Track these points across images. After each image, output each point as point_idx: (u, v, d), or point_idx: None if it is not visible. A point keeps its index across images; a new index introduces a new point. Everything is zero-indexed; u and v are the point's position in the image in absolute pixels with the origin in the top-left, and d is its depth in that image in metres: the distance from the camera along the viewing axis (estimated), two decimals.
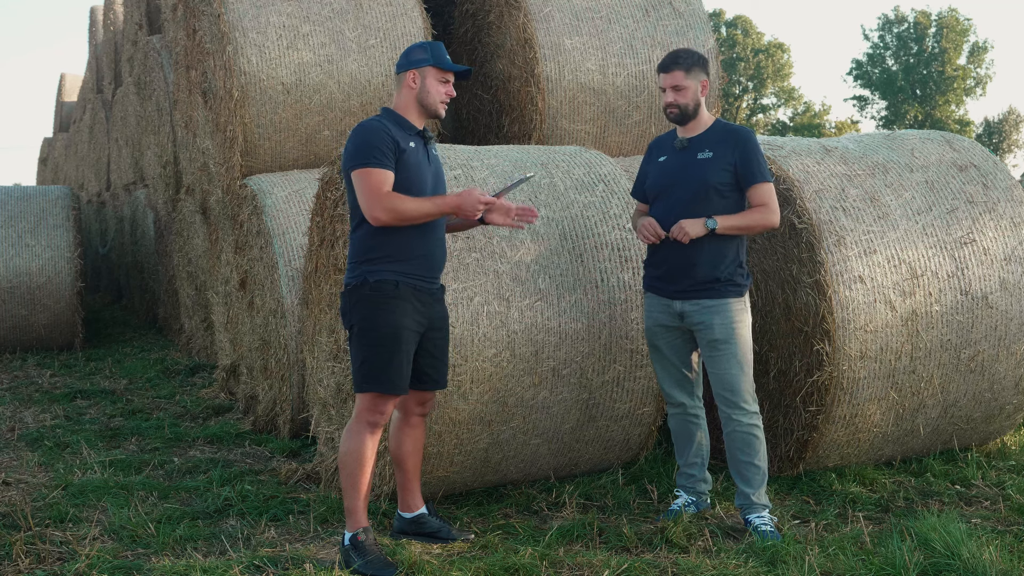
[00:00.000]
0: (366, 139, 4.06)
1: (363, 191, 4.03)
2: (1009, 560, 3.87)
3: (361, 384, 4.11)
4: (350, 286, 4.15)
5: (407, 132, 4.17)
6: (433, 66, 4.21)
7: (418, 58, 4.21)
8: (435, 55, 4.22)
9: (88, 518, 4.82)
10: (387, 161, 4.03)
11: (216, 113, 7.55)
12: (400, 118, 4.21)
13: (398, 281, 4.08)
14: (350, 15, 7.36)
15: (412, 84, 4.21)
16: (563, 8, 7.55)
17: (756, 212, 4.44)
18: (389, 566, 4.00)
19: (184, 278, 10.07)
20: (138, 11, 12.74)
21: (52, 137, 26.18)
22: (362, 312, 4.10)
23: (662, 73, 4.55)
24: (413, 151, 4.14)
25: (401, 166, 4.08)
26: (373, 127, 4.09)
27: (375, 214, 4.00)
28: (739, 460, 4.48)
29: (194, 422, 7.18)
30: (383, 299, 4.07)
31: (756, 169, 4.44)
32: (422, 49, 4.24)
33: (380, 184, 4.00)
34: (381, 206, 3.98)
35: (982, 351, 5.18)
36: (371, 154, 4.02)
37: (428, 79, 4.21)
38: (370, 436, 4.12)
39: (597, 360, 4.89)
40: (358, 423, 4.13)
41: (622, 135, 7.70)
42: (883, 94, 55.07)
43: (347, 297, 4.17)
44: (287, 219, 6.66)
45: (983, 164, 5.55)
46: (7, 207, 10.94)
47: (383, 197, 3.99)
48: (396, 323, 4.07)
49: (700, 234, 4.39)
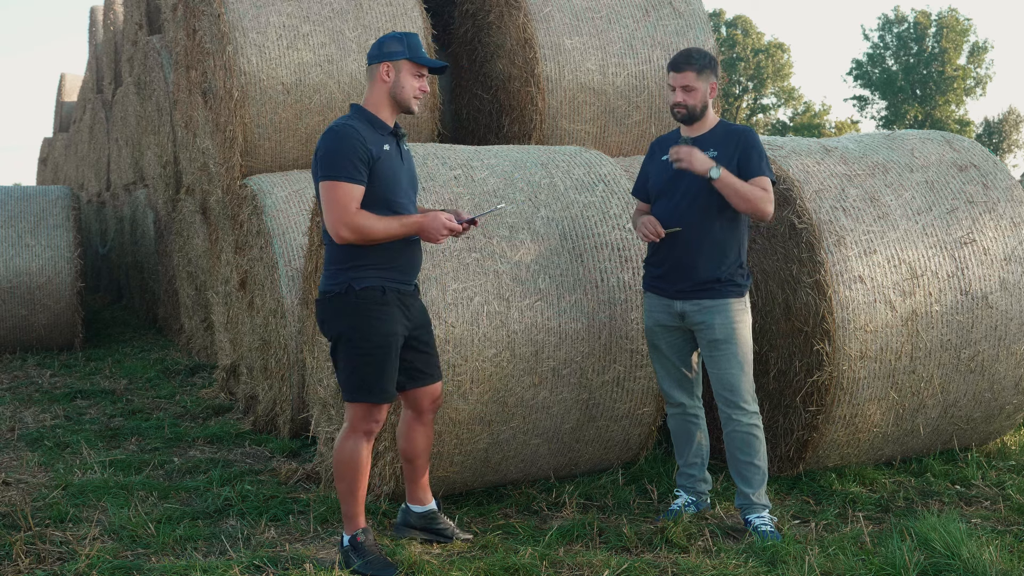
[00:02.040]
0: (338, 148, 3.86)
1: (329, 207, 3.85)
2: (1009, 560, 3.87)
3: (354, 394, 4.01)
4: (331, 294, 3.99)
5: (380, 133, 4.00)
6: (408, 59, 4.02)
7: (392, 50, 4.00)
8: (410, 48, 4.02)
9: (88, 518, 4.82)
10: (358, 175, 3.85)
11: (216, 113, 7.55)
12: (372, 116, 4.02)
13: (384, 287, 3.96)
14: (350, 15, 7.36)
15: (386, 77, 4.01)
16: (563, 8, 7.55)
17: (757, 190, 4.35)
18: (389, 566, 3.99)
19: (184, 278, 10.07)
20: (138, 11, 12.74)
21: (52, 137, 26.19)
22: (350, 321, 3.96)
23: (673, 72, 4.50)
24: (387, 155, 3.97)
25: (375, 176, 3.91)
26: (345, 134, 3.89)
27: (340, 233, 3.84)
28: (739, 460, 4.48)
29: (194, 422, 7.18)
30: (372, 307, 3.95)
31: (757, 162, 4.41)
32: (397, 41, 4.02)
33: (348, 201, 3.83)
34: (346, 225, 3.83)
35: (982, 351, 5.18)
36: (341, 167, 3.83)
37: (403, 73, 4.02)
38: (366, 444, 4.07)
39: (597, 360, 4.89)
40: (353, 432, 4.05)
41: (622, 135, 7.70)
42: (883, 94, 55.08)
43: (327, 305, 4.01)
44: (287, 219, 6.66)
45: (983, 164, 5.55)
46: (7, 207, 10.94)
47: (350, 215, 3.82)
48: (387, 331, 3.97)
49: (703, 169, 4.30)
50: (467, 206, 4.85)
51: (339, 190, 3.85)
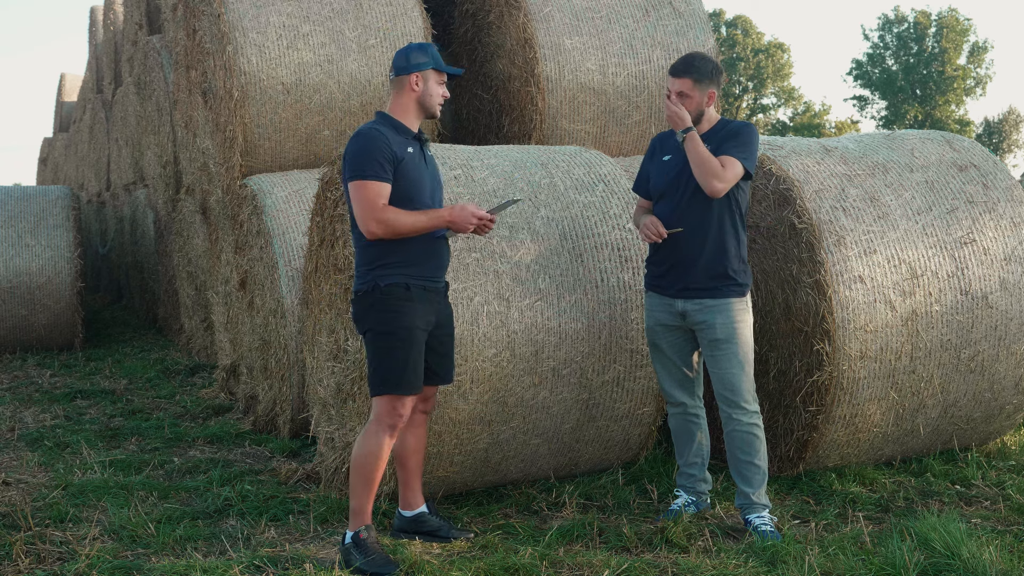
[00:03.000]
0: (364, 149, 4.08)
1: (359, 204, 4.07)
2: (1009, 560, 3.87)
3: (379, 387, 4.14)
4: (361, 292, 4.19)
5: (404, 137, 4.20)
6: (433, 69, 4.26)
7: (420, 61, 4.25)
8: (434, 58, 4.28)
9: (88, 518, 4.82)
10: (384, 173, 4.06)
11: (216, 113, 7.55)
12: (397, 123, 4.23)
13: (408, 284, 4.12)
14: (350, 15, 7.36)
15: (415, 87, 4.24)
16: (563, 8, 7.55)
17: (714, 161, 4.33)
18: (390, 564, 4.01)
19: (184, 278, 10.07)
20: (138, 11, 12.74)
21: (52, 137, 26.19)
22: (376, 316, 4.13)
23: (672, 77, 4.50)
24: (411, 157, 4.17)
25: (399, 176, 4.11)
26: (371, 136, 4.11)
27: (370, 228, 4.05)
28: (739, 460, 4.48)
29: (194, 422, 7.18)
30: (395, 302, 4.11)
31: (730, 144, 4.39)
32: (422, 52, 4.27)
33: (376, 197, 4.04)
34: (376, 220, 4.03)
35: (982, 351, 5.18)
36: (368, 166, 4.05)
37: (430, 82, 4.26)
38: (389, 439, 4.16)
39: (597, 360, 4.89)
40: (378, 425, 4.15)
41: (622, 135, 7.70)
42: (883, 94, 55.07)
43: (358, 303, 4.21)
44: (287, 219, 6.66)
45: (983, 164, 5.55)
46: (7, 207, 10.94)
47: (378, 211, 4.03)
48: (409, 325, 4.11)
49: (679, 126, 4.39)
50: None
51: (367, 188, 4.05)
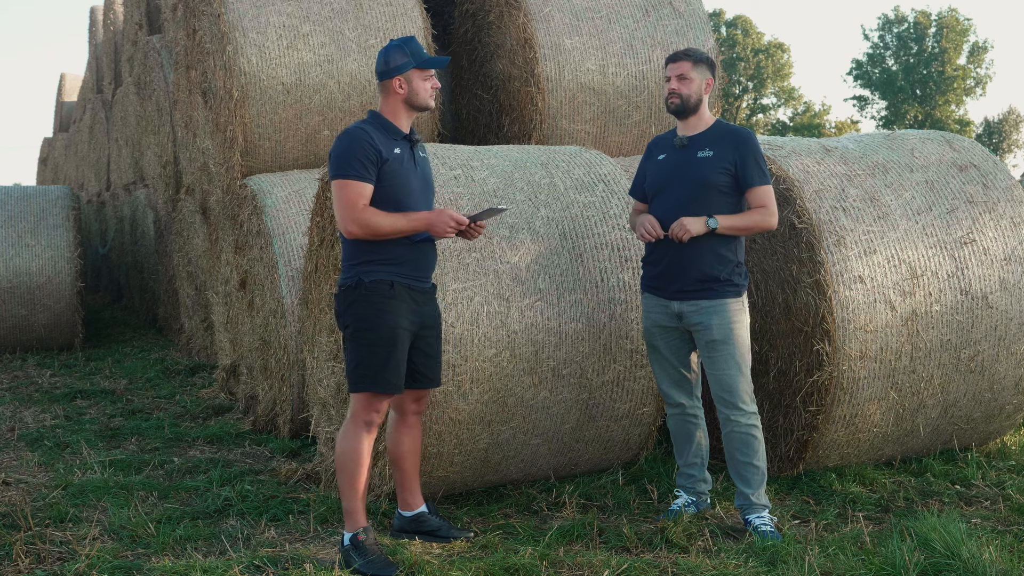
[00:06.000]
0: (348, 148, 4.06)
1: (339, 203, 4.06)
2: (1009, 560, 3.87)
3: (357, 384, 4.12)
4: (344, 287, 4.16)
5: (392, 138, 4.16)
6: (415, 67, 4.19)
7: (400, 63, 4.18)
8: (415, 56, 4.20)
9: (88, 518, 4.82)
10: (366, 173, 4.04)
11: (216, 113, 7.55)
12: (387, 123, 4.20)
13: (393, 281, 4.10)
14: (350, 15, 7.36)
15: (399, 90, 4.20)
16: (563, 8, 7.55)
17: (756, 213, 4.44)
18: (390, 566, 4.00)
19: (184, 278, 10.07)
20: (138, 11, 12.74)
21: (52, 137, 26.18)
22: (358, 312, 4.11)
23: (669, 63, 4.57)
24: (397, 158, 4.13)
25: (384, 176, 4.08)
26: (356, 135, 4.09)
27: (349, 228, 4.04)
28: (738, 460, 4.48)
29: (194, 422, 7.18)
30: (379, 299, 4.09)
31: (755, 171, 4.44)
32: (401, 52, 4.19)
33: (356, 198, 4.02)
34: (354, 220, 4.02)
35: (982, 351, 5.18)
36: (350, 166, 4.03)
37: (414, 81, 4.20)
38: (366, 436, 4.14)
39: (597, 360, 4.89)
40: (354, 423, 4.15)
41: (622, 135, 7.70)
42: (883, 94, 55.08)
43: (342, 298, 4.19)
44: (287, 219, 6.66)
45: (983, 164, 5.55)
46: (7, 207, 10.94)
47: (357, 211, 4.02)
48: (392, 323, 4.09)
49: (701, 232, 4.38)
50: (467, 206, 4.85)
51: (348, 188, 4.03)
